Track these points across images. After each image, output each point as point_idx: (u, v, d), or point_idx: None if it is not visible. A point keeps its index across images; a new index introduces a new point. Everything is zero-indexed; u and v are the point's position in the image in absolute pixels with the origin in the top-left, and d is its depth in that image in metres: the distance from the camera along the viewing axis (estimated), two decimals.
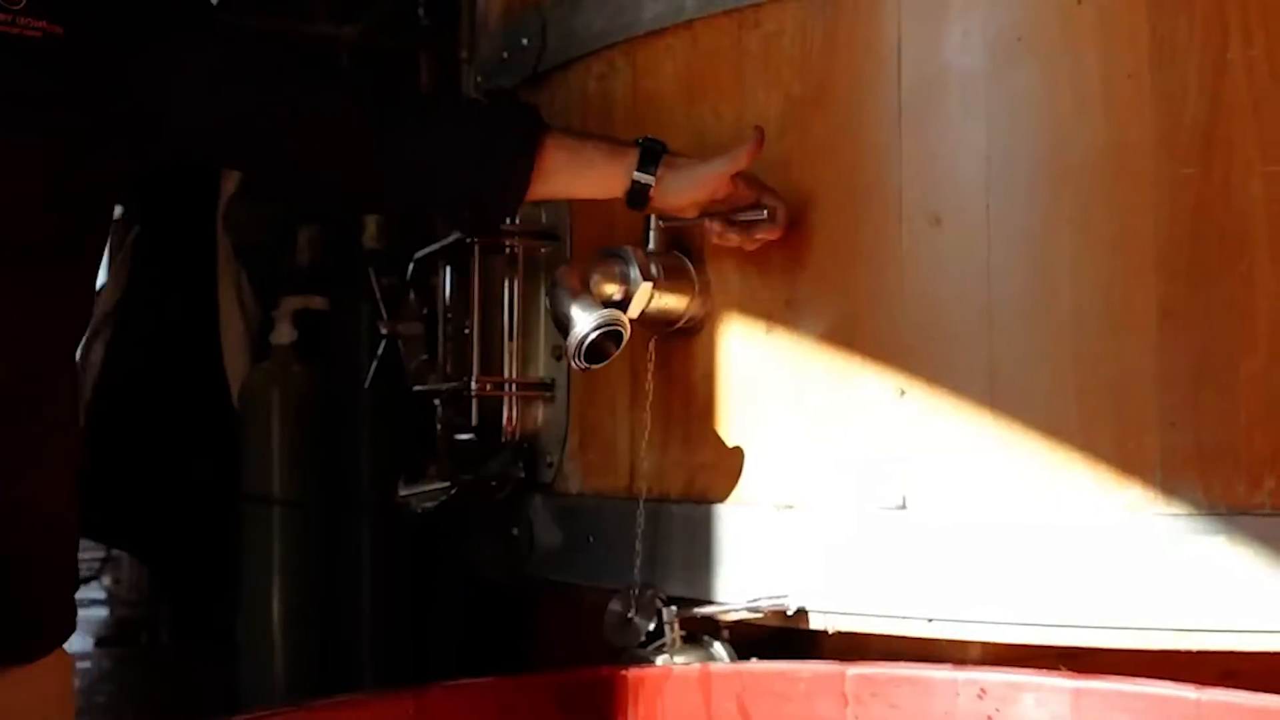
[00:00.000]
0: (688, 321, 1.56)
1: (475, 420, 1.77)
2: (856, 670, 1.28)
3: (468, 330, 1.81)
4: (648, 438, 1.56)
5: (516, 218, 1.71)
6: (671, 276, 1.52)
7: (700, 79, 1.58)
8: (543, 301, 1.70)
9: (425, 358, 2.01)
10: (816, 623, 1.42)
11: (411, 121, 1.41)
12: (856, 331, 1.45)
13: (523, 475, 1.73)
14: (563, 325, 1.42)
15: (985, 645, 1.38)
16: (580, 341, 1.39)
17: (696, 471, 1.56)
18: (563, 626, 1.92)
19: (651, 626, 1.46)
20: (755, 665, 1.36)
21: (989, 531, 1.35)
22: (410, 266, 1.96)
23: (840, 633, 1.42)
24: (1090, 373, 1.34)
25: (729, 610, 1.46)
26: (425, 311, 2.03)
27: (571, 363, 1.42)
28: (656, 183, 1.41)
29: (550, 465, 1.73)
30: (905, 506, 1.39)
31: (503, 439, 1.74)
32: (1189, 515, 1.28)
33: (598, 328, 1.39)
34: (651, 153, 1.42)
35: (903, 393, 1.41)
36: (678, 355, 1.58)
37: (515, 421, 1.74)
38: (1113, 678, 1.20)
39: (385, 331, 2.07)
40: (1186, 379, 1.31)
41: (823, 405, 1.46)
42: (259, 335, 3.53)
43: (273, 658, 3.09)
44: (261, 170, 1.45)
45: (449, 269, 1.88)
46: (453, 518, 1.96)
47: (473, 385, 1.74)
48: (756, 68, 1.52)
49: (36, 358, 1.20)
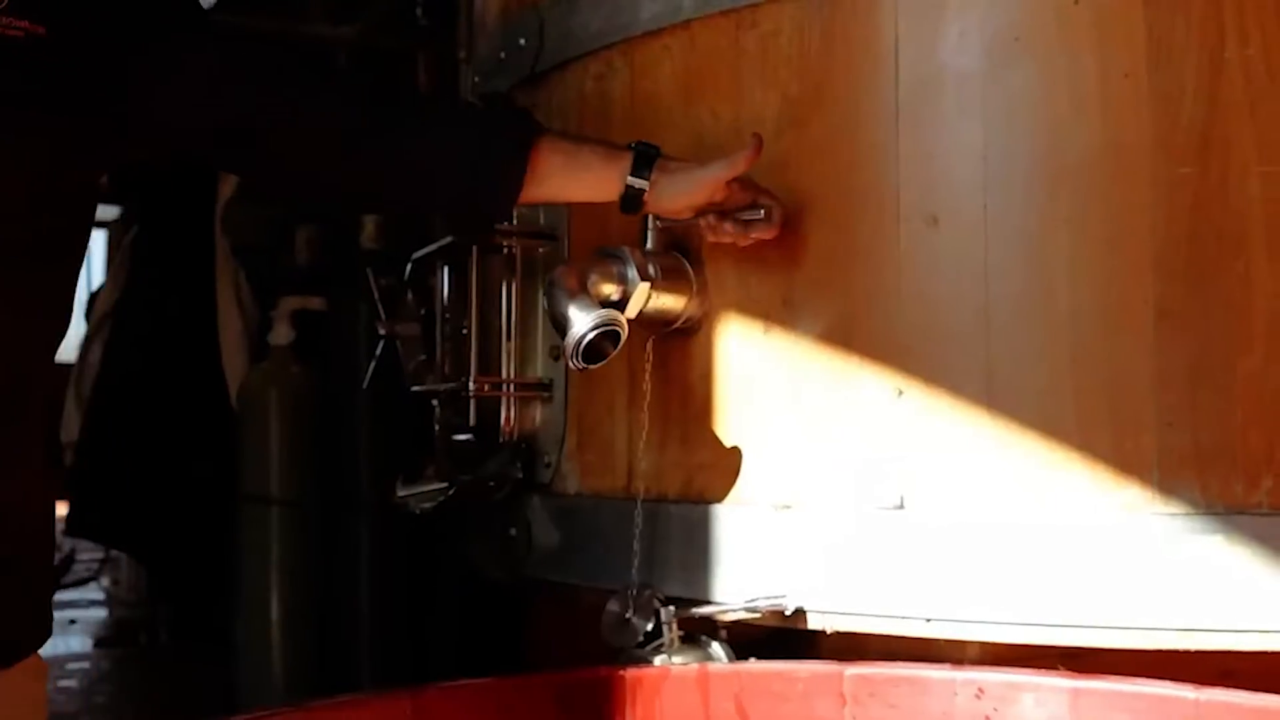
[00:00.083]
0: (685, 322, 1.56)
1: (473, 420, 1.78)
2: (854, 670, 1.28)
3: (466, 330, 1.81)
4: (645, 438, 1.56)
5: (514, 218, 1.71)
6: (669, 277, 1.52)
7: (698, 79, 1.58)
8: (540, 302, 1.70)
9: (423, 358, 2.01)
10: (814, 623, 1.42)
11: (409, 122, 1.41)
12: (854, 331, 1.45)
13: (521, 475, 1.73)
14: (560, 325, 1.42)
15: (983, 645, 1.38)
16: (578, 342, 1.39)
17: (694, 472, 1.56)
18: (561, 627, 1.92)
19: (649, 627, 1.46)
20: (753, 665, 1.36)
21: (987, 531, 1.35)
22: (408, 267, 1.96)
23: (838, 633, 1.42)
24: (1087, 372, 1.34)
25: (727, 610, 1.46)
26: (423, 312, 2.03)
27: (569, 363, 1.42)
28: (650, 187, 1.40)
29: (548, 465, 1.73)
30: (903, 506, 1.40)
31: (501, 439, 1.74)
32: (1186, 515, 1.28)
33: (595, 328, 1.39)
34: (645, 157, 1.41)
35: (900, 393, 1.41)
36: (675, 355, 1.58)
37: (513, 422, 1.75)
38: (1111, 678, 1.20)
39: (383, 332, 2.07)
40: (1183, 379, 1.31)
41: (820, 405, 1.46)
42: (257, 335, 3.53)
43: (271, 658, 3.09)
44: (260, 171, 1.45)
45: (447, 269, 1.88)
46: (451, 518, 1.96)
47: (471, 385, 1.74)
48: (754, 68, 1.52)
49: (22, 358, 1.20)
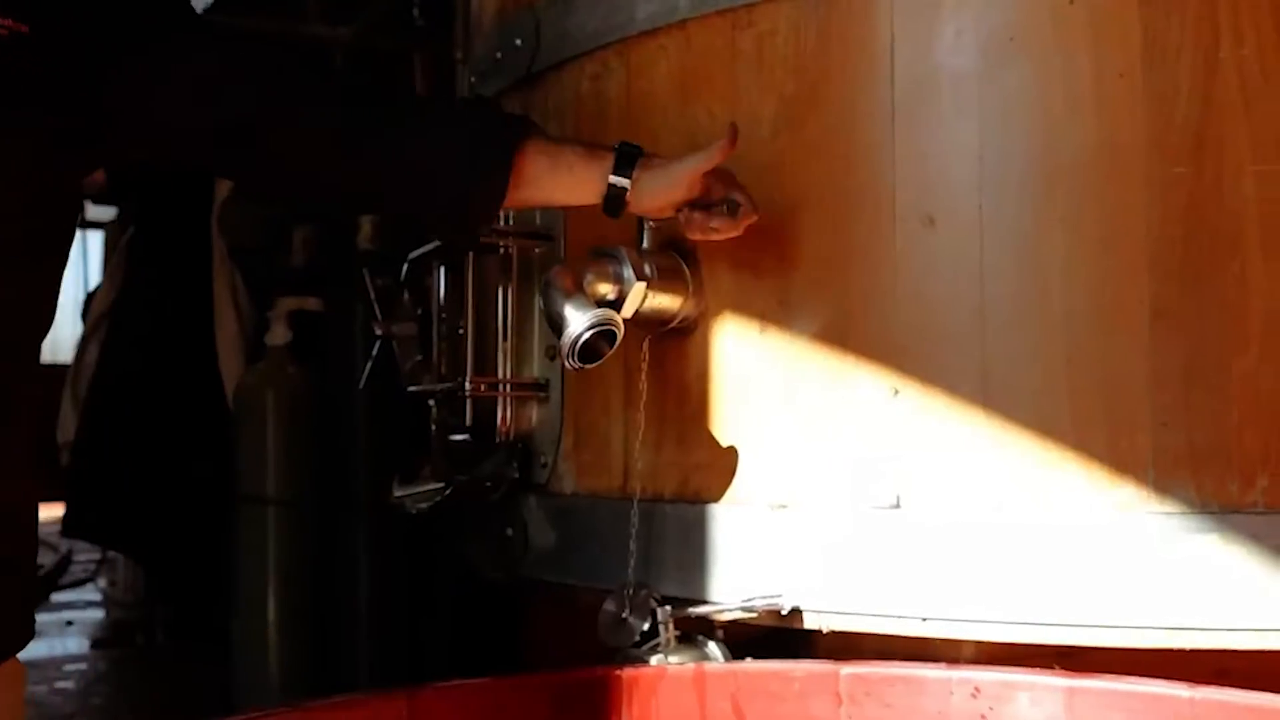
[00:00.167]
0: (681, 321, 1.56)
1: (470, 420, 1.77)
2: (850, 669, 1.28)
3: (462, 330, 1.81)
4: (642, 438, 1.56)
5: (509, 218, 1.71)
6: (665, 276, 1.52)
7: (694, 79, 1.58)
8: (537, 301, 1.70)
9: (420, 358, 2.01)
10: (811, 622, 1.43)
11: (406, 123, 1.40)
12: (850, 331, 1.45)
13: (517, 475, 1.73)
14: (556, 325, 1.42)
15: (979, 644, 1.38)
16: (574, 341, 1.39)
17: (690, 471, 1.56)
18: (557, 626, 1.92)
19: (646, 626, 1.46)
20: (749, 665, 1.36)
21: (982, 531, 1.35)
22: (404, 267, 1.96)
23: (834, 632, 1.42)
24: (1082, 372, 1.34)
25: (723, 610, 1.46)
26: (420, 312, 2.03)
27: (565, 363, 1.42)
28: (633, 185, 1.40)
29: (545, 465, 1.73)
30: (899, 506, 1.40)
31: (497, 439, 1.74)
32: (1181, 514, 1.29)
33: (591, 327, 1.39)
34: (627, 155, 1.41)
35: (896, 392, 1.41)
36: (671, 355, 1.58)
37: (509, 422, 1.75)
38: (1106, 676, 1.21)
39: (380, 332, 2.07)
40: (1179, 378, 1.31)
41: (816, 405, 1.46)
42: (254, 336, 3.52)
43: (268, 658, 3.08)
44: (259, 172, 1.44)
45: (443, 269, 1.88)
46: (447, 518, 1.96)
47: (467, 385, 1.74)
48: (750, 68, 1.52)
49: (7, 359, 1.19)
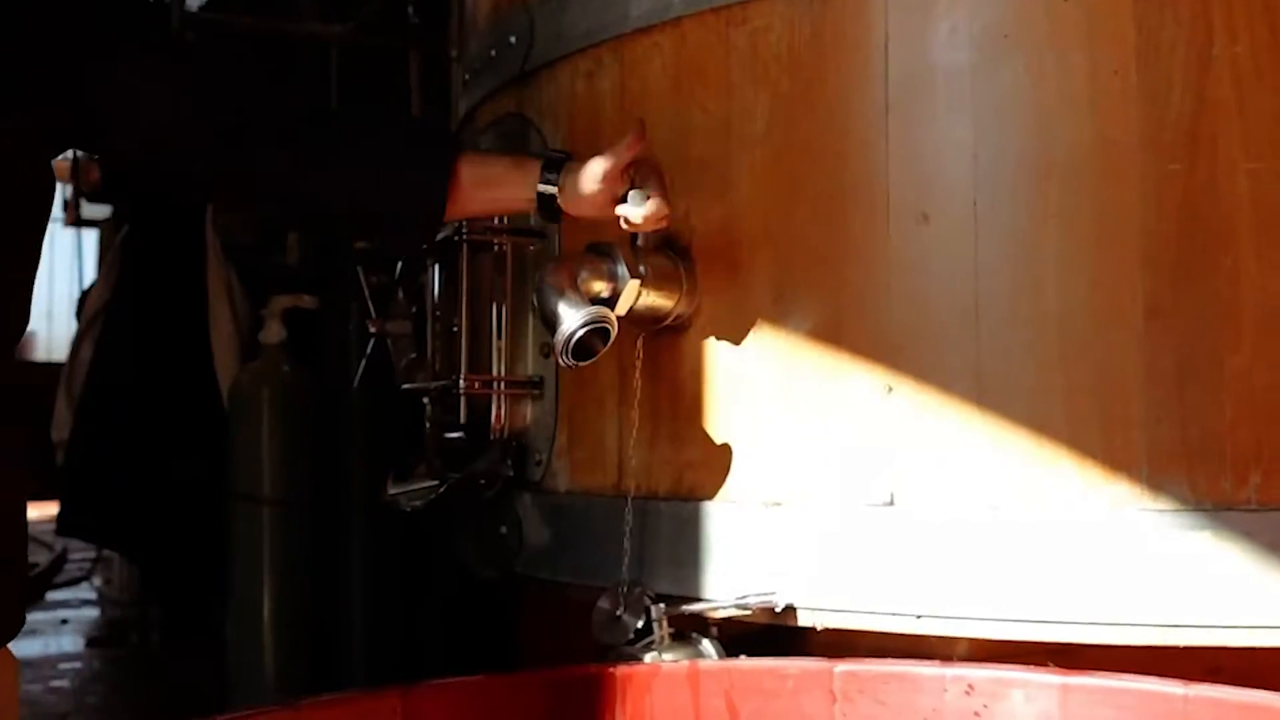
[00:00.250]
0: (676, 319, 1.56)
1: (464, 418, 1.77)
2: (844, 667, 1.28)
3: (456, 328, 1.80)
4: (636, 435, 1.56)
5: (504, 216, 1.71)
6: (660, 274, 1.52)
7: (688, 76, 1.57)
8: (531, 299, 1.70)
9: (414, 356, 2.01)
10: (805, 620, 1.43)
11: (350, 150, 1.40)
12: (844, 329, 1.45)
13: (511, 473, 1.73)
14: (551, 323, 1.42)
15: (973, 641, 1.38)
16: (568, 339, 1.39)
17: (684, 469, 1.56)
18: (551, 624, 1.92)
19: (640, 624, 1.46)
20: (743, 662, 1.36)
21: (976, 528, 1.35)
22: (399, 265, 1.96)
23: (828, 630, 1.42)
24: (1076, 369, 1.34)
25: (717, 608, 1.46)
26: (414, 310, 2.03)
27: (559, 360, 1.41)
28: (561, 190, 1.42)
29: (539, 463, 1.72)
30: (893, 503, 1.40)
31: (491, 437, 1.74)
32: (1175, 511, 1.29)
33: (585, 325, 1.39)
34: (553, 162, 1.43)
35: (890, 390, 1.41)
36: (666, 353, 1.58)
37: (504, 419, 1.74)
38: (1100, 673, 1.21)
39: (374, 330, 2.07)
40: (1172, 375, 1.31)
41: (810, 402, 1.46)
42: (249, 334, 3.52)
43: (263, 657, 3.08)
44: (208, 198, 1.44)
45: (437, 267, 1.88)
46: (442, 516, 1.96)
47: (461, 383, 1.73)
48: (744, 65, 1.52)
49: None
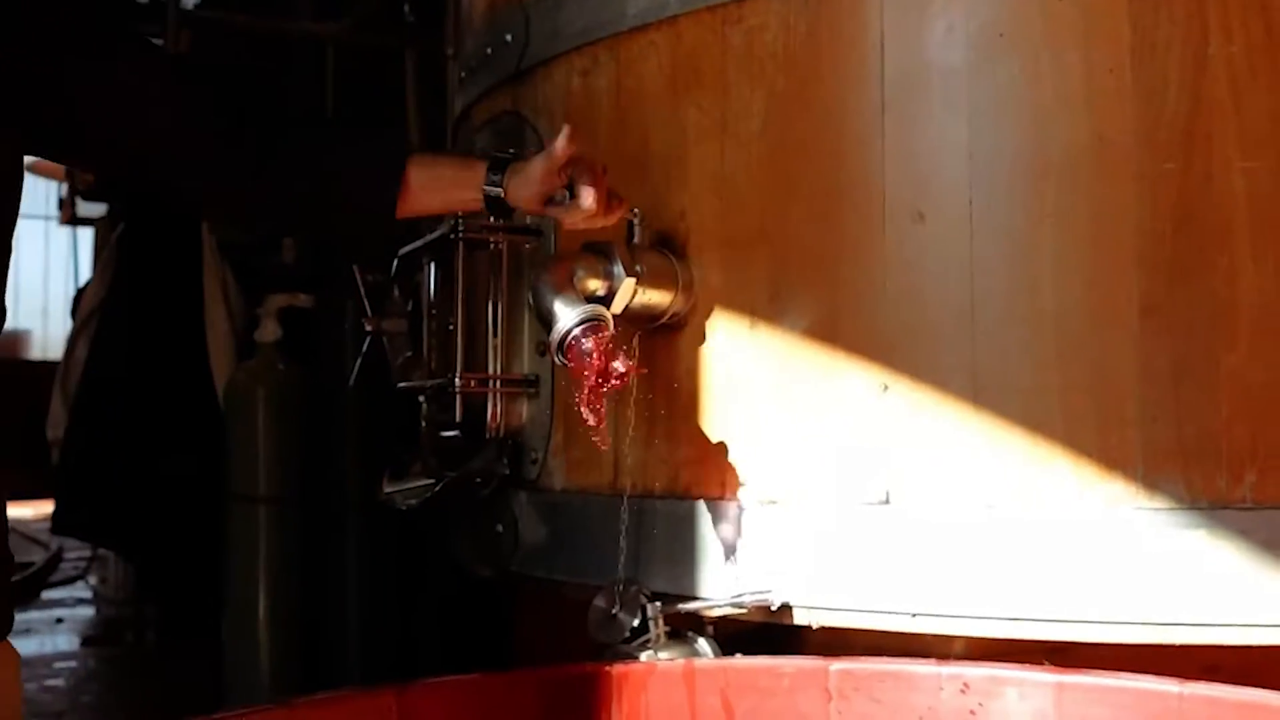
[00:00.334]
0: (671, 317, 1.56)
1: (460, 417, 1.77)
2: (840, 665, 1.28)
3: (452, 327, 1.80)
4: (632, 434, 1.56)
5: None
6: (655, 272, 1.52)
7: (684, 75, 1.57)
8: (527, 298, 1.70)
9: (410, 354, 2.00)
10: (800, 618, 1.43)
11: (310, 153, 1.43)
12: (840, 327, 1.45)
13: (507, 472, 1.73)
14: (546, 321, 1.42)
15: (968, 640, 1.38)
16: (563, 337, 1.39)
17: (680, 468, 1.56)
18: (547, 623, 1.92)
19: (636, 623, 1.46)
20: (739, 661, 1.36)
21: (972, 526, 1.35)
22: (395, 263, 1.95)
23: (825, 628, 1.42)
24: (1072, 368, 1.34)
25: (713, 606, 1.46)
26: (410, 308, 2.02)
27: (555, 358, 1.41)
28: (506, 191, 1.44)
29: (534, 462, 1.72)
30: (888, 501, 1.40)
31: (487, 435, 1.74)
32: (1170, 509, 1.29)
33: (581, 323, 1.39)
34: (498, 162, 1.45)
35: (886, 388, 1.41)
36: (662, 351, 1.58)
37: (499, 418, 1.74)
38: (1095, 672, 1.21)
39: (370, 328, 2.06)
40: (1168, 374, 1.31)
41: (806, 401, 1.46)
42: (244, 333, 3.52)
43: (259, 656, 3.08)
44: (176, 200, 1.50)
45: (433, 265, 1.87)
46: (437, 514, 1.96)
47: (457, 382, 1.73)
48: (740, 63, 1.52)
49: None
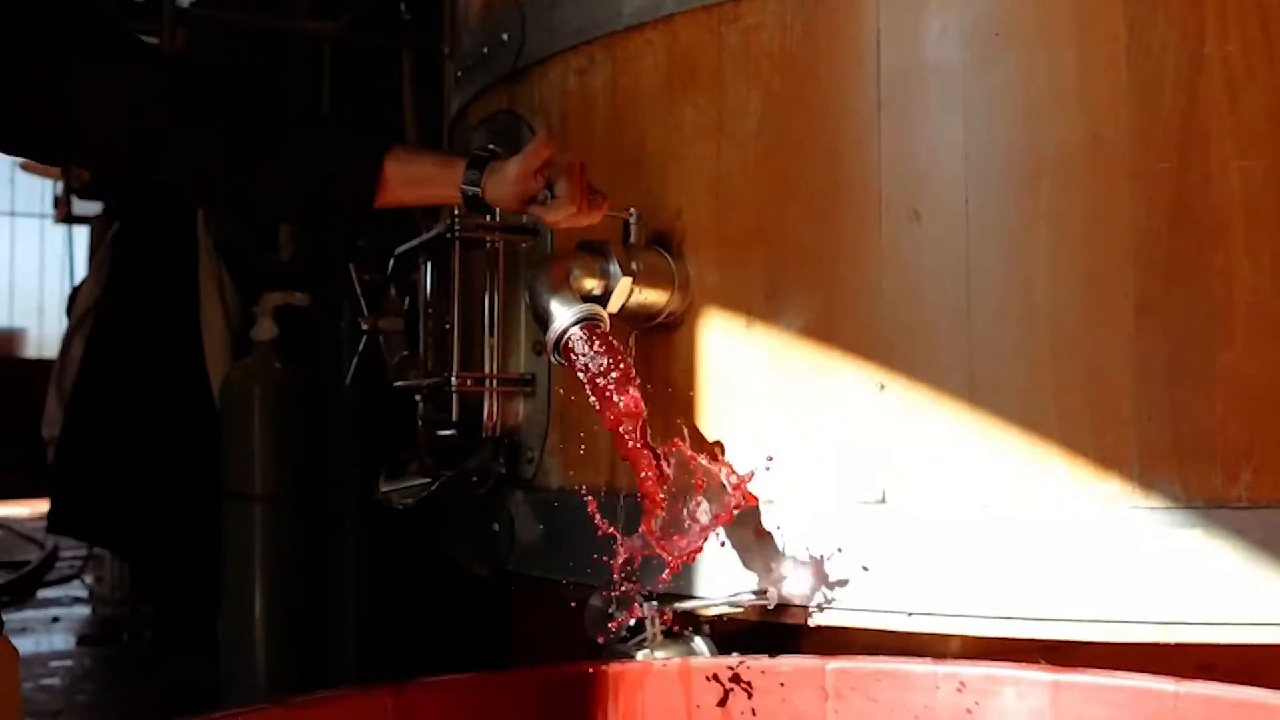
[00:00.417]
0: (668, 316, 1.56)
1: (456, 416, 1.77)
2: (836, 664, 1.29)
3: (448, 326, 1.80)
4: None
5: (496, 213, 1.71)
6: (652, 271, 1.52)
7: (680, 74, 1.57)
8: (523, 297, 1.70)
9: (406, 353, 2.00)
10: (797, 617, 1.43)
11: (291, 146, 1.44)
12: (836, 326, 1.45)
13: (503, 470, 1.73)
14: (543, 320, 1.42)
15: (965, 639, 1.38)
16: (559, 336, 1.39)
17: None
18: (544, 622, 1.92)
19: (632, 622, 1.46)
20: (736, 660, 1.36)
21: (968, 526, 1.35)
22: (391, 262, 1.95)
23: (823, 627, 1.42)
24: (1068, 367, 1.34)
25: (710, 605, 1.46)
26: (406, 307, 2.02)
27: (551, 357, 1.41)
28: (484, 188, 1.44)
29: (531, 460, 1.72)
30: (885, 500, 1.40)
31: (483, 434, 1.74)
32: (1166, 508, 1.29)
33: (577, 322, 1.39)
34: (478, 160, 1.45)
35: (882, 387, 1.41)
36: (658, 350, 1.58)
37: (496, 417, 1.74)
38: (1092, 671, 1.21)
39: (366, 327, 2.06)
40: (1163, 373, 1.31)
41: (802, 400, 1.46)
42: (240, 331, 3.51)
43: (255, 655, 3.08)
44: (165, 192, 1.53)
45: (430, 264, 1.87)
46: (434, 513, 1.96)
47: (453, 381, 1.73)
48: (736, 62, 1.52)
49: None
